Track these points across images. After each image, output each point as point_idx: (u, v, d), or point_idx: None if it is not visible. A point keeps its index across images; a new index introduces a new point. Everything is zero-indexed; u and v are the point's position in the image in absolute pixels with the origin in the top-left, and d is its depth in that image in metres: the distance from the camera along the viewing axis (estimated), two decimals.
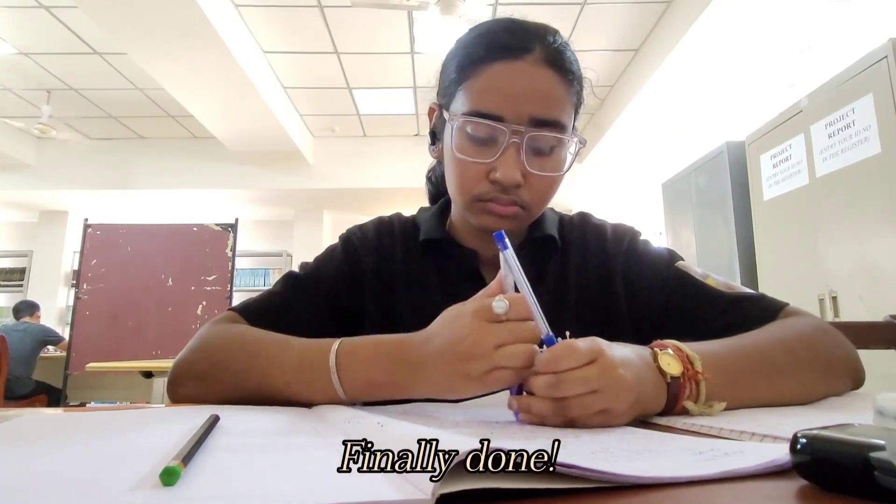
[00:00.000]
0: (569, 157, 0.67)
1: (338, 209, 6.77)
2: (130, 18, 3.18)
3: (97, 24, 3.29)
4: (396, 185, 5.72)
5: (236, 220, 4.64)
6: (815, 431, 0.25)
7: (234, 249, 4.47)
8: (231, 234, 4.49)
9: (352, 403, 0.53)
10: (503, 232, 0.50)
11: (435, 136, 0.74)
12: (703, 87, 4.08)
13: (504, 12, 3.68)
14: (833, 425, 0.26)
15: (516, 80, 0.62)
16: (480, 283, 0.74)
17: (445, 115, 0.67)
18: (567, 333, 0.52)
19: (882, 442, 0.23)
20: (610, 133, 4.94)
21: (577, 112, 0.68)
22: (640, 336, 0.71)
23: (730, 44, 3.45)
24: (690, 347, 0.49)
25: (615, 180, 5.98)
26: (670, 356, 0.47)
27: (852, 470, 0.23)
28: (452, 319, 0.50)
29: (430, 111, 0.74)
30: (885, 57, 2.26)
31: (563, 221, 0.81)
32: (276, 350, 0.58)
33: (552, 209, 0.83)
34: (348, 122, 5.54)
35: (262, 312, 0.70)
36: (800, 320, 0.63)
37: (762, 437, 0.36)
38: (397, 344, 0.53)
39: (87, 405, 4.49)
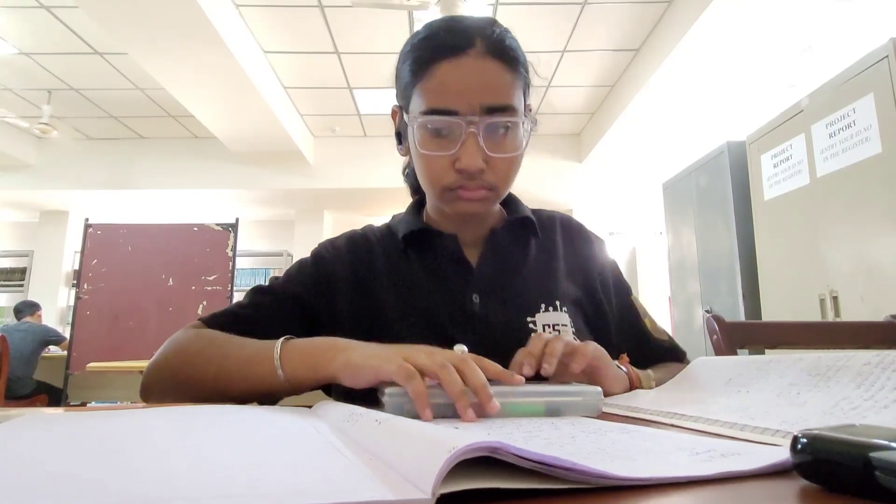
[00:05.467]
0: (524, 136, 0.71)
1: (338, 209, 6.78)
2: (131, 18, 3.19)
3: (98, 24, 3.30)
4: (396, 184, 5.63)
5: (237, 219, 4.64)
6: (815, 431, 0.25)
7: (234, 249, 4.47)
8: (232, 234, 4.49)
9: (293, 390, 0.58)
10: None
11: (401, 136, 0.77)
12: (703, 87, 4.08)
13: (504, 12, 3.70)
14: (834, 425, 0.26)
15: (463, 76, 0.66)
16: (465, 265, 0.77)
17: (406, 117, 0.71)
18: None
19: (883, 442, 0.23)
20: (610, 133, 4.94)
21: (526, 92, 0.72)
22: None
23: (730, 44, 3.45)
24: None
25: (615, 180, 5.98)
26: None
27: (853, 470, 0.23)
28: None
29: (394, 113, 0.77)
30: (886, 56, 2.26)
31: (535, 212, 0.87)
32: (233, 346, 0.64)
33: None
34: (349, 122, 5.55)
35: (228, 322, 0.72)
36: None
37: (773, 431, 0.36)
38: (333, 339, 0.59)
39: (88, 405, 4.49)
